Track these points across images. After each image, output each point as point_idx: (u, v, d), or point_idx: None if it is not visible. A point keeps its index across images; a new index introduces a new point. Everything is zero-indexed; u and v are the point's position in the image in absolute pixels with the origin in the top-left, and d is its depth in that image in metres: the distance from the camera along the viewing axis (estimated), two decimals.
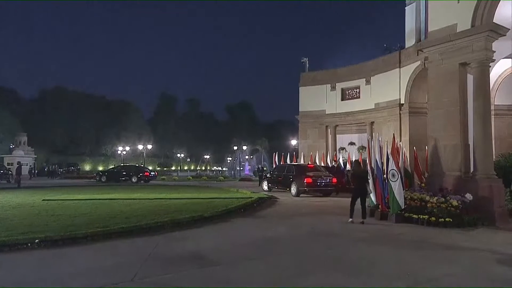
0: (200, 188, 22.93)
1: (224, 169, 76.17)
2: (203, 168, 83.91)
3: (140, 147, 53.36)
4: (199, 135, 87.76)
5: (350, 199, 10.58)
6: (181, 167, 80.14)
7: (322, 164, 23.68)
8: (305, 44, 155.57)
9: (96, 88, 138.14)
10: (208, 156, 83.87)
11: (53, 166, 46.56)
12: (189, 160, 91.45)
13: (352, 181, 10.96)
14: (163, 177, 37.84)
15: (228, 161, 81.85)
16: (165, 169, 73.02)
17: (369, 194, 10.58)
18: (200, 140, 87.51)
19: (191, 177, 38.12)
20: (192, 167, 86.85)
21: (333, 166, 22.10)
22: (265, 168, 36.99)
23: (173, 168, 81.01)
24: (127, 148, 60.73)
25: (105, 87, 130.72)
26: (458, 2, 10.98)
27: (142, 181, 29.72)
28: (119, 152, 60.37)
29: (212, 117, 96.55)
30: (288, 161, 26.14)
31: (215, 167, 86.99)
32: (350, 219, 10.05)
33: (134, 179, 29.45)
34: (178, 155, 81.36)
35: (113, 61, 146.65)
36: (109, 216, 10.12)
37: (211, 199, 14.64)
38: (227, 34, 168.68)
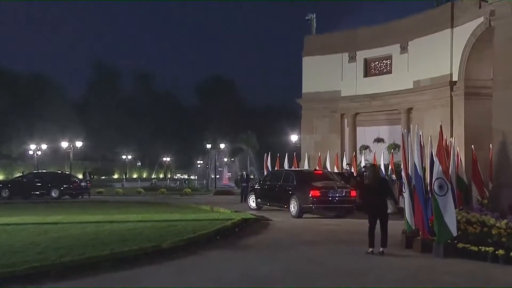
0: (156, 205, 22.73)
1: (192, 177, 75.93)
2: (162, 176, 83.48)
3: (65, 145, 52.57)
4: (155, 127, 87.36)
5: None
6: (128, 174, 79.65)
7: (336, 170, 23.63)
8: None
9: None
10: (168, 159, 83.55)
11: None
12: (140, 164, 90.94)
13: (365, 194, 10.93)
14: (101, 189, 37.50)
15: (199, 166, 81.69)
16: (104, 177, 72.41)
17: (390, 211, 10.64)
18: (156, 135, 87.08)
19: (142, 190, 37.93)
20: (144, 175, 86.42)
21: (347, 174, 22.03)
22: (252, 176, 36.92)
23: (116, 176, 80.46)
24: (44, 147, 59.81)
25: (10, 56, 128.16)
26: None
27: (67, 196, 29.52)
28: (31, 152, 59.37)
29: (174, 101, 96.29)
30: (285, 165, 26.04)
31: (179, 175, 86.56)
32: (370, 249, 10.17)
33: (55, 193, 29.19)
34: (124, 156, 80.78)
35: (21, 17, 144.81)
36: (13, 250, 9.83)
37: (172, 222, 14.57)
38: None
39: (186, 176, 79.85)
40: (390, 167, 20.98)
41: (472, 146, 16.11)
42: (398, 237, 11.35)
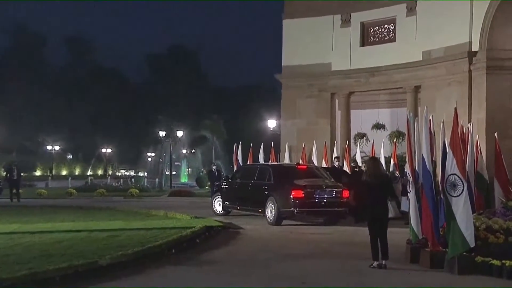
0: (92, 210, 22.56)
1: (141, 174, 75.50)
2: (100, 172, 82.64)
3: None
4: (92, 110, 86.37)
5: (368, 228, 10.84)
6: (55, 171, 78.62)
7: (324, 165, 23.72)
8: None
9: None
10: (109, 151, 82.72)
11: None
12: (71, 157, 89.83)
13: (363, 195, 11.15)
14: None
15: (150, 159, 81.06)
16: (23, 174, 71.09)
17: (392, 216, 10.81)
18: (94, 119, 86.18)
19: (74, 190, 37.55)
20: (77, 171, 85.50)
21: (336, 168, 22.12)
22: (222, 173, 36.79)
23: (38, 173, 79.32)
24: None
25: None
26: None
27: None
28: None
29: (119, 77, 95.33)
30: (261, 158, 26.04)
31: (123, 171, 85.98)
32: (376, 262, 10.39)
33: None
34: (49, 147, 79.59)
35: None
36: None
37: (113, 232, 14.52)
38: None
39: (132, 173, 79.32)
40: (392, 161, 21.17)
41: (496, 134, 16.27)
42: (402, 248, 11.46)
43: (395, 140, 24.18)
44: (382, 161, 21.06)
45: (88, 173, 76.19)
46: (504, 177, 14.82)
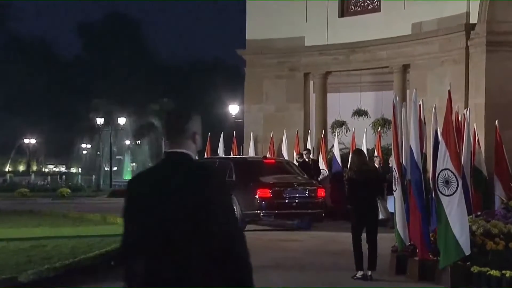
0: (11, 214, 22.45)
1: (73, 170, 74.77)
2: (22, 168, 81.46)
3: None
4: (12, 92, 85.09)
5: (351, 233, 11.04)
6: None
7: (296, 159, 23.84)
8: None
9: None
10: (33, 141, 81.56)
11: None
12: None
13: (349, 193, 11.41)
14: None
15: (84, 152, 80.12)
16: None
17: (383, 217, 10.89)
18: (14, 103, 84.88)
19: None
20: None
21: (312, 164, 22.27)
22: None
23: None
24: None
25: None
26: None
27: None
28: None
29: (46, 51, 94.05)
30: (220, 151, 26.07)
31: (51, 166, 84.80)
32: (360, 273, 10.58)
33: None
34: None
35: None
36: None
37: (38, 241, 14.42)
38: None
39: (63, 169, 78.49)
40: (375, 154, 21.36)
41: (496, 122, 16.52)
42: (387, 257, 11.60)
43: (379, 129, 24.33)
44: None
45: (6, 169, 75.08)
46: (505, 173, 15.03)
